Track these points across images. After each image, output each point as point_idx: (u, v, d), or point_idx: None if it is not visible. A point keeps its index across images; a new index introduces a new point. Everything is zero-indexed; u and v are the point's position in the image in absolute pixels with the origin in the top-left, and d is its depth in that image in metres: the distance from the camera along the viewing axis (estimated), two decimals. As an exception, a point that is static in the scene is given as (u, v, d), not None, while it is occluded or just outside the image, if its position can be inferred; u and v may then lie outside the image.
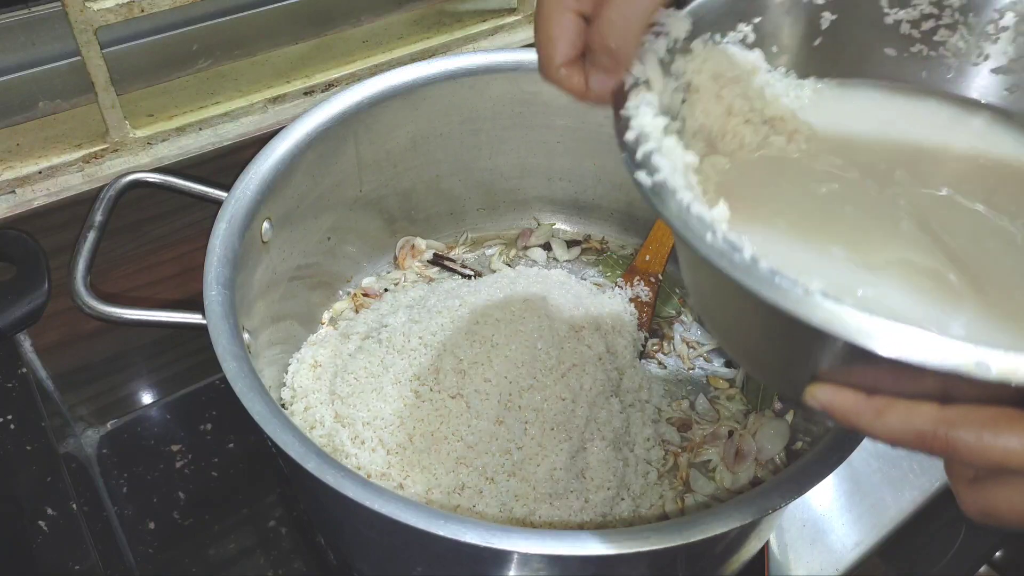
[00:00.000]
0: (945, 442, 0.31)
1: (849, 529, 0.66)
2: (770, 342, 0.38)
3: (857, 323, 0.29)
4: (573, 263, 0.80)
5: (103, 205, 0.59)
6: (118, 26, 0.61)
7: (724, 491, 0.63)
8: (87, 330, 0.69)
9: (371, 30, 0.78)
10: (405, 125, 0.71)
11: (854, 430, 0.34)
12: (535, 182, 0.80)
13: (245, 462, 0.70)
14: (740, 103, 0.44)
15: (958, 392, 0.31)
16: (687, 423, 0.67)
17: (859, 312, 0.29)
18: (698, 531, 0.45)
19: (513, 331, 0.62)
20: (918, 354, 0.28)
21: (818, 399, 0.34)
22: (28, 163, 0.63)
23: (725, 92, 0.43)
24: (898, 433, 0.32)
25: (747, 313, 0.37)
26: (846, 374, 0.33)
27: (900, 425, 0.32)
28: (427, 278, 0.77)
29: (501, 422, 0.58)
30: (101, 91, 0.62)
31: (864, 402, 0.33)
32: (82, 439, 0.72)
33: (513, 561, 0.46)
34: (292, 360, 0.66)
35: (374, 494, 0.44)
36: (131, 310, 0.55)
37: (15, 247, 0.60)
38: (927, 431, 0.31)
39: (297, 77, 0.73)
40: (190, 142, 0.68)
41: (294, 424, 0.48)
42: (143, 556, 0.65)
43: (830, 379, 0.34)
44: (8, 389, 0.60)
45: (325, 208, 0.69)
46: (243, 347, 0.52)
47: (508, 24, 0.81)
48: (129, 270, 0.69)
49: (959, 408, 0.31)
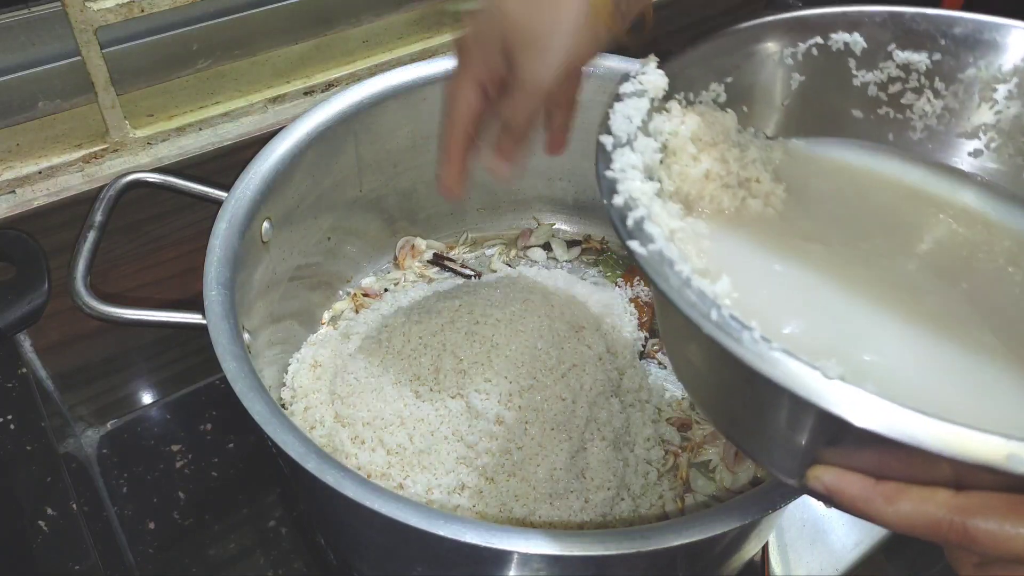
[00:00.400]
0: (963, 531, 0.30)
1: (849, 529, 0.66)
2: (772, 423, 0.36)
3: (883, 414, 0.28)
4: (573, 263, 0.80)
5: (103, 205, 0.59)
6: (118, 26, 0.61)
7: (724, 491, 0.63)
8: (87, 330, 0.69)
9: (371, 30, 0.78)
10: (405, 125, 0.71)
11: (860, 516, 0.32)
12: (535, 182, 0.80)
13: (245, 462, 0.70)
14: (718, 167, 0.43)
15: (974, 479, 0.30)
16: (687, 423, 0.67)
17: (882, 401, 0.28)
18: (698, 531, 0.45)
19: (513, 331, 0.62)
20: (943, 445, 0.27)
21: (823, 482, 0.32)
22: (28, 163, 0.63)
23: (703, 156, 0.43)
24: (911, 521, 0.31)
25: (749, 393, 0.36)
26: (852, 457, 0.32)
27: (914, 513, 0.31)
28: (427, 278, 0.77)
29: (501, 422, 0.58)
30: (101, 91, 0.62)
31: (872, 488, 0.31)
32: (82, 439, 0.72)
33: (513, 561, 0.46)
34: (292, 360, 0.66)
35: (374, 494, 0.44)
36: (131, 310, 0.55)
37: (15, 247, 0.60)
38: (943, 519, 0.30)
39: (297, 77, 0.73)
40: (190, 142, 0.68)
41: (294, 424, 0.48)
42: (143, 556, 0.65)
43: (834, 461, 0.32)
44: (8, 389, 0.60)
45: (325, 208, 0.69)
46: (243, 347, 0.52)
47: (508, 24, 0.81)
48: (129, 270, 0.69)
49: (976, 496, 0.30)
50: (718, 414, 0.42)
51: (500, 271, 0.77)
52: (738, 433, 0.41)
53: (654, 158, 0.40)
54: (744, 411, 0.38)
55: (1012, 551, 0.29)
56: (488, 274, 0.77)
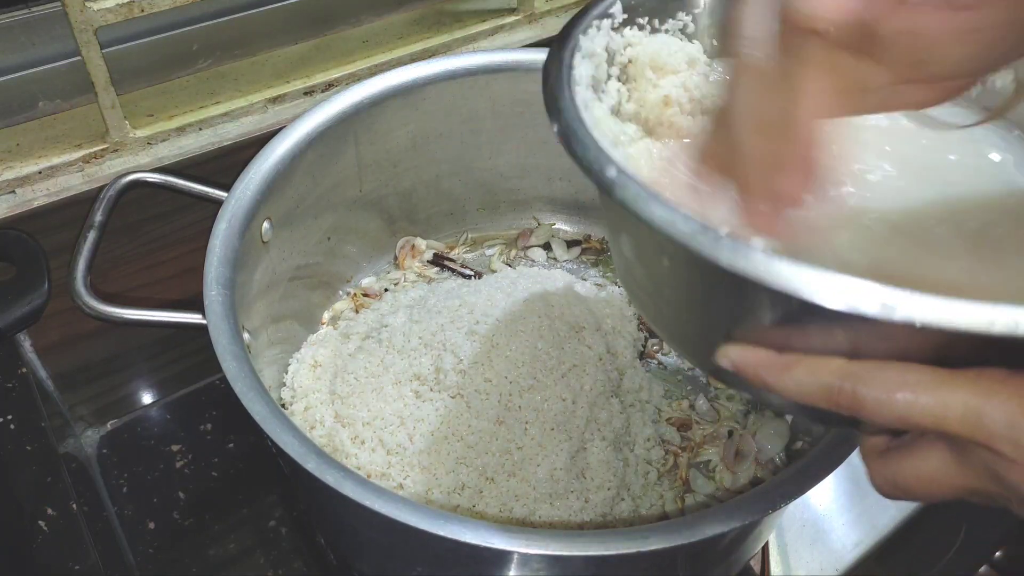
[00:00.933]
0: (852, 396, 0.30)
1: (849, 529, 0.66)
2: (686, 301, 0.38)
3: (775, 268, 0.28)
4: (573, 263, 0.80)
5: (103, 205, 0.59)
6: (118, 26, 0.61)
7: (724, 491, 0.63)
8: (87, 330, 0.69)
9: (371, 30, 0.78)
10: (405, 125, 0.71)
11: (764, 388, 0.33)
12: (535, 182, 0.80)
13: (245, 462, 0.70)
14: (678, 92, 0.43)
15: (868, 348, 0.31)
16: (687, 423, 0.67)
17: (778, 258, 0.29)
18: (698, 531, 0.45)
19: (513, 331, 0.62)
20: (819, 293, 0.28)
21: (730, 357, 0.34)
22: (28, 163, 0.63)
23: (663, 81, 0.43)
24: (805, 388, 0.32)
25: (668, 271, 0.37)
26: (758, 333, 0.33)
27: (807, 380, 0.32)
28: (427, 278, 0.77)
29: (501, 422, 0.58)
30: (101, 91, 0.62)
31: (774, 358, 0.33)
32: (82, 439, 0.72)
33: (513, 561, 0.46)
34: (292, 360, 0.66)
35: (374, 494, 0.44)
36: (131, 310, 0.55)
37: (15, 247, 0.60)
38: (833, 385, 0.31)
39: (297, 77, 0.73)
40: (190, 142, 0.68)
41: (294, 424, 0.48)
42: (143, 556, 0.65)
43: (742, 339, 0.34)
44: (8, 389, 0.60)
45: (325, 208, 0.69)
46: (243, 347, 0.52)
47: (508, 24, 0.81)
48: (129, 270, 0.69)
49: (867, 363, 0.31)
50: (645, 305, 0.42)
51: (500, 271, 0.77)
52: (662, 323, 0.42)
53: (604, 72, 0.41)
54: (664, 295, 0.39)
55: (895, 415, 0.30)
56: (488, 274, 0.77)
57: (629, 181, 0.32)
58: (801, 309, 0.29)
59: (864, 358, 0.31)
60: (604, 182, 0.33)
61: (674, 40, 0.45)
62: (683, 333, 0.41)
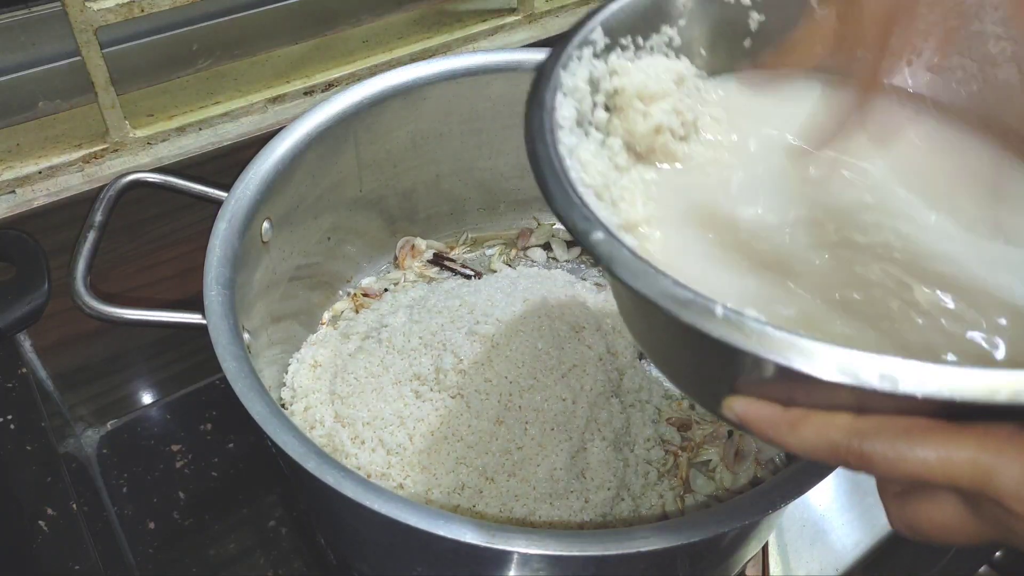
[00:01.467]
0: (859, 454, 0.30)
1: (849, 529, 0.66)
2: (687, 357, 0.37)
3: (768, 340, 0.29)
4: (573, 263, 0.80)
5: (103, 205, 0.59)
6: (118, 26, 0.61)
7: (724, 491, 0.63)
8: (87, 330, 0.69)
9: (371, 30, 0.78)
10: (405, 125, 0.71)
11: (769, 442, 0.33)
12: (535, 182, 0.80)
13: (245, 462, 0.70)
14: (669, 119, 0.42)
15: (873, 404, 0.30)
16: (687, 423, 0.67)
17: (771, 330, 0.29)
18: (698, 531, 0.45)
19: (513, 331, 0.61)
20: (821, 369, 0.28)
21: (734, 411, 0.34)
22: (28, 163, 0.63)
23: (653, 109, 0.42)
24: (812, 446, 0.31)
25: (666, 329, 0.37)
26: (763, 388, 0.33)
27: (814, 438, 0.31)
28: (427, 278, 0.77)
29: (501, 422, 0.58)
30: (101, 91, 0.62)
31: (779, 414, 0.32)
32: (82, 439, 0.72)
33: (513, 561, 0.46)
34: (292, 360, 0.66)
35: (374, 494, 0.44)
36: (131, 310, 0.55)
37: (15, 247, 0.60)
38: (840, 444, 0.31)
39: (297, 77, 0.73)
40: (190, 142, 0.68)
41: (294, 424, 0.48)
42: (143, 556, 0.65)
43: (747, 392, 0.34)
44: (8, 389, 0.60)
45: (325, 208, 0.69)
46: (243, 347, 0.52)
47: (508, 24, 0.81)
48: (129, 270, 0.69)
49: (873, 419, 0.30)
50: (648, 349, 0.42)
51: (500, 271, 0.77)
52: (664, 368, 0.42)
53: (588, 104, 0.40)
54: (665, 347, 0.39)
55: (906, 472, 0.29)
56: (488, 274, 0.77)
57: (617, 249, 0.31)
58: (800, 376, 0.29)
59: (871, 413, 0.31)
60: (592, 248, 0.32)
61: (660, 60, 0.44)
62: (686, 380, 0.40)
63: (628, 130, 0.42)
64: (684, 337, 0.35)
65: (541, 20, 0.82)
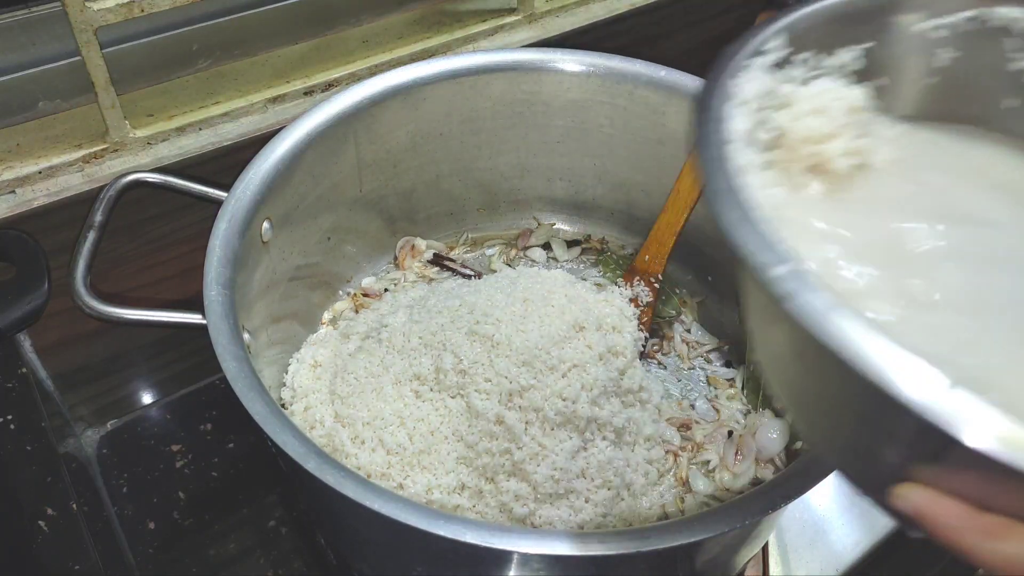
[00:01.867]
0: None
1: (849, 529, 0.66)
2: (860, 426, 0.30)
3: (1005, 433, 0.23)
4: (573, 263, 0.80)
5: (103, 205, 0.59)
6: (118, 26, 0.61)
7: (724, 491, 0.63)
8: (87, 330, 0.69)
9: (371, 30, 0.78)
10: (405, 125, 0.71)
11: (948, 548, 0.27)
12: (535, 182, 0.80)
13: (245, 462, 0.70)
14: (840, 161, 0.38)
15: None
16: (687, 423, 0.67)
17: (1006, 418, 0.23)
18: (698, 531, 0.45)
19: (514, 331, 0.61)
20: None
21: (911, 501, 0.27)
22: (28, 163, 0.63)
23: (819, 149, 0.38)
24: (1016, 565, 0.26)
25: (838, 388, 0.30)
26: (952, 479, 0.27)
27: (1019, 557, 0.25)
28: (427, 278, 0.77)
29: (501, 422, 0.58)
30: (101, 91, 0.62)
31: (971, 518, 0.26)
32: (82, 439, 0.72)
33: (513, 561, 0.46)
34: (292, 360, 0.66)
35: (374, 494, 0.44)
36: (131, 310, 0.55)
37: (15, 247, 0.60)
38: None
39: (297, 77, 0.73)
40: (190, 142, 0.68)
41: (294, 424, 0.48)
42: (143, 556, 0.65)
43: (930, 481, 0.27)
44: (8, 389, 0.60)
45: (325, 208, 0.69)
46: (243, 347, 0.52)
47: (508, 24, 0.81)
48: (129, 270, 0.69)
49: None
50: (794, 406, 0.36)
51: (500, 271, 0.77)
52: (818, 434, 0.35)
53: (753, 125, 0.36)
54: (828, 410, 0.32)
55: None
56: (488, 274, 0.77)
57: (811, 290, 0.26)
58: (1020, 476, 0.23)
59: None
60: (774, 287, 0.27)
61: (832, 88, 0.39)
62: (847, 451, 0.33)
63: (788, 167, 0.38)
64: (864, 402, 0.28)
65: (541, 20, 0.82)
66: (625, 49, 0.72)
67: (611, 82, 0.72)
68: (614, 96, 0.72)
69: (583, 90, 0.73)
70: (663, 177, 0.73)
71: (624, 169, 0.77)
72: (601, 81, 0.72)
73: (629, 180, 0.77)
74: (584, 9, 0.84)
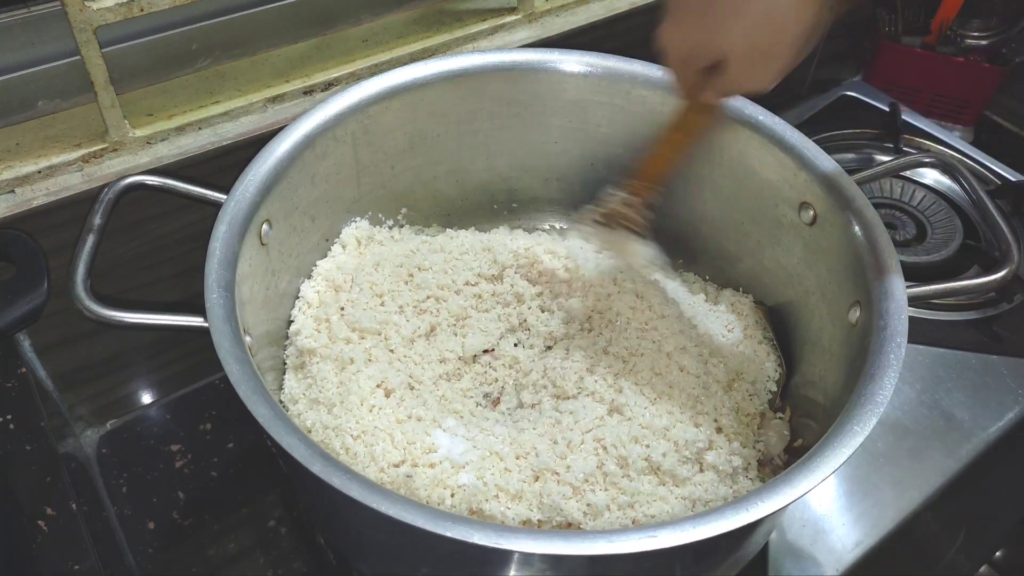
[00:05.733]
0: None
1: (849, 529, 0.67)
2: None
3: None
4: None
5: (102, 208, 0.58)
6: (118, 25, 0.61)
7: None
8: (87, 330, 0.69)
9: (371, 30, 0.78)
10: (404, 125, 0.71)
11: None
12: (533, 182, 0.80)
13: (245, 462, 0.71)
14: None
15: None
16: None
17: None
18: (698, 531, 0.45)
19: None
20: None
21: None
22: (28, 163, 0.63)
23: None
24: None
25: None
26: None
27: None
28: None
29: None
30: (101, 91, 0.62)
31: None
32: (82, 439, 0.72)
33: (516, 561, 0.46)
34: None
35: (381, 496, 0.44)
36: (132, 314, 0.54)
37: (15, 247, 0.60)
38: None
39: (297, 77, 0.73)
40: (190, 142, 0.67)
41: (298, 427, 0.48)
42: (143, 556, 0.65)
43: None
44: (8, 389, 0.60)
45: (324, 209, 0.69)
46: (245, 350, 0.51)
47: (508, 24, 0.81)
48: (129, 270, 0.69)
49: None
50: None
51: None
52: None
53: None
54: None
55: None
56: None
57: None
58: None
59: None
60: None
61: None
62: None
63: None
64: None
65: (541, 20, 0.82)
66: (625, 49, 0.72)
67: (609, 82, 0.72)
68: (612, 96, 0.73)
69: (581, 90, 0.73)
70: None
71: (622, 169, 0.77)
72: (599, 81, 0.72)
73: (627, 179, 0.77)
74: (584, 9, 0.84)
